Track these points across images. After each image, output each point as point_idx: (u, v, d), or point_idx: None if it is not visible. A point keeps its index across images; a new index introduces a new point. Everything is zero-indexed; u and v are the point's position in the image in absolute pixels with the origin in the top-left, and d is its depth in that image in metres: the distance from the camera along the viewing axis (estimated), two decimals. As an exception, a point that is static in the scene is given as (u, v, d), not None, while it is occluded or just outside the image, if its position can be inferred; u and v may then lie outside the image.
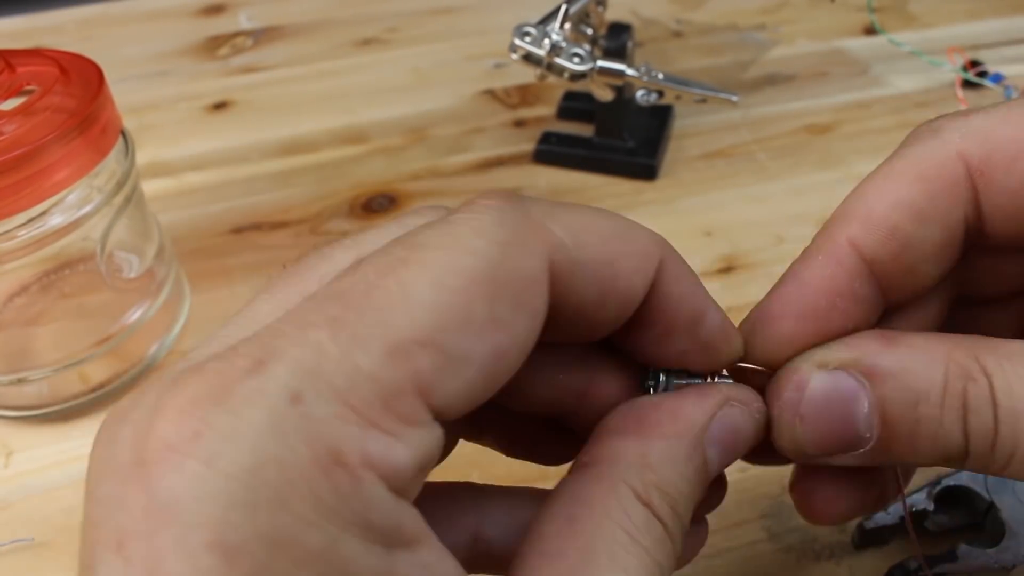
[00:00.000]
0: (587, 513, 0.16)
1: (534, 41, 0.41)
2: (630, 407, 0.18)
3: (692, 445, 0.17)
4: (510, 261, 0.14)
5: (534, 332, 0.15)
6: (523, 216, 0.15)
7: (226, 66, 0.60)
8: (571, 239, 0.15)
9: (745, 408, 0.18)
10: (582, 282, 0.15)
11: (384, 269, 0.14)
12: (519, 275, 0.14)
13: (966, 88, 0.51)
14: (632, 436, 0.17)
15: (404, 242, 0.14)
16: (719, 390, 0.18)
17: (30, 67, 0.32)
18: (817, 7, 0.63)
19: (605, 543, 0.15)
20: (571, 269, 0.15)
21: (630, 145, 0.47)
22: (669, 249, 0.18)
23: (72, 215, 0.31)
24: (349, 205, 0.46)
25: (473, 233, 0.14)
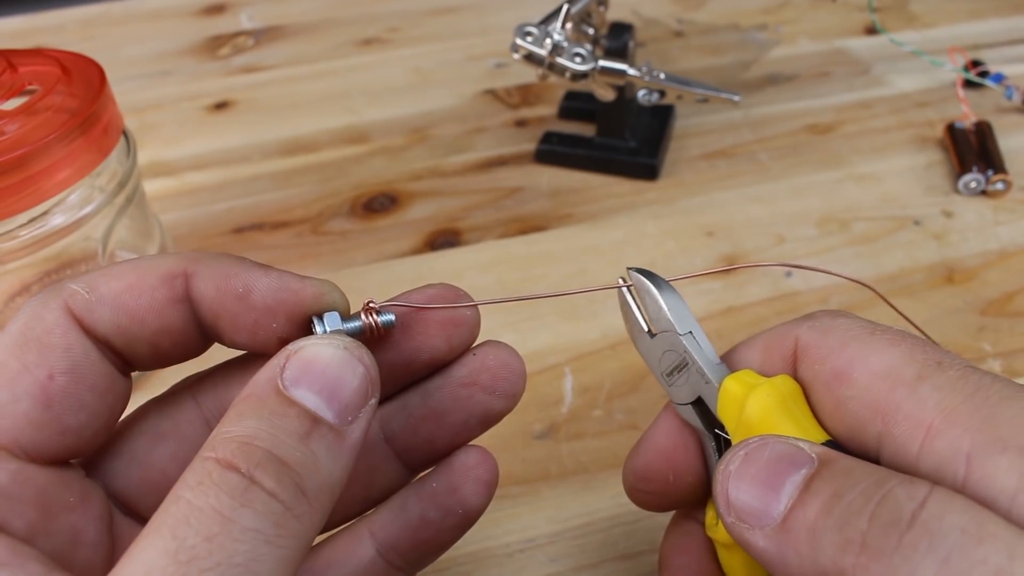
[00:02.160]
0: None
1: (535, 41, 0.41)
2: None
3: (267, 392, 0.17)
4: (31, 320, 0.18)
5: (86, 361, 0.18)
6: (49, 289, 0.19)
7: (227, 66, 0.60)
8: (85, 287, 0.19)
9: (323, 342, 0.18)
10: (110, 312, 0.19)
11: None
12: (40, 326, 0.18)
13: (967, 88, 0.51)
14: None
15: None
16: (300, 341, 0.18)
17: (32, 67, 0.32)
18: (818, 7, 0.63)
19: (157, 514, 0.15)
20: (90, 306, 0.19)
21: (631, 145, 0.47)
22: (196, 259, 0.20)
23: (74, 215, 0.31)
24: (350, 205, 0.46)
25: (15, 316, 0.19)
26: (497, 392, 0.22)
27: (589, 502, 0.30)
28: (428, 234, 0.43)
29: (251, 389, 0.17)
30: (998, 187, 0.43)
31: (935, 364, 0.18)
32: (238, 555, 0.15)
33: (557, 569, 0.28)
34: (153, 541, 0.15)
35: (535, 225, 0.43)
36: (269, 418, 0.17)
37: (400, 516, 0.22)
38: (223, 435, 0.16)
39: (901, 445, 0.17)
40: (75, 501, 0.19)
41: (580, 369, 0.35)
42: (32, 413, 0.18)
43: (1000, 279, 0.39)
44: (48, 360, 0.18)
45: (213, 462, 0.16)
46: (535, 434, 0.32)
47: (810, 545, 0.16)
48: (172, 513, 0.15)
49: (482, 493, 0.22)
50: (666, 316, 0.21)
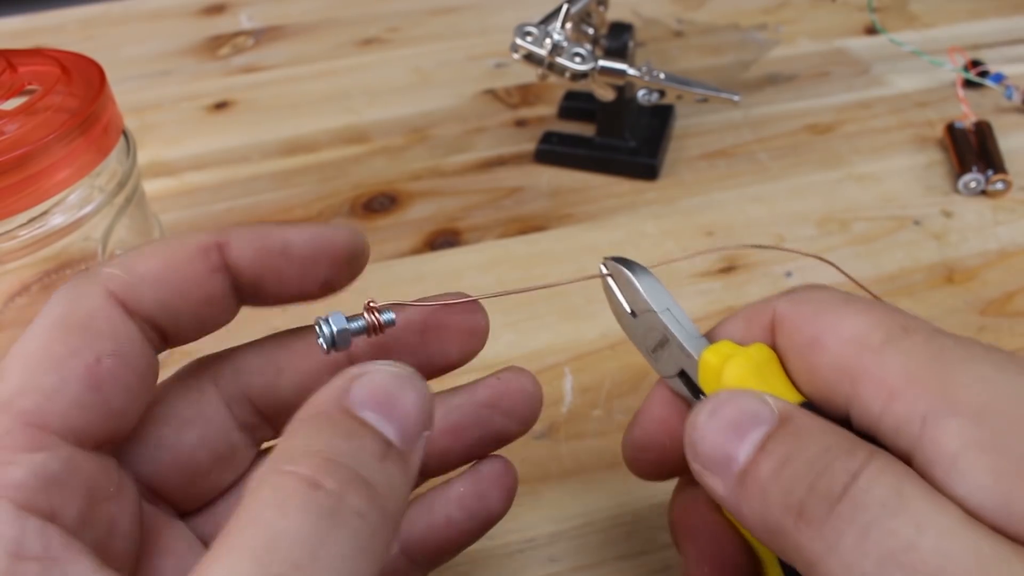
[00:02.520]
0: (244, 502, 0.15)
1: (535, 41, 0.41)
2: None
3: (336, 412, 0.17)
4: (72, 305, 0.18)
5: (129, 342, 0.19)
6: (82, 275, 0.19)
7: (227, 66, 0.60)
8: (123, 269, 0.19)
9: (388, 368, 0.18)
10: (152, 289, 0.19)
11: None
12: (83, 311, 0.18)
13: (967, 88, 0.51)
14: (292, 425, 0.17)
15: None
16: (360, 367, 0.18)
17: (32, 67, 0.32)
18: (818, 7, 0.63)
19: (232, 531, 0.15)
20: (131, 287, 0.19)
21: (631, 145, 0.47)
22: (226, 230, 0.20)
23: (73, 215, 0.31)
24: (350, 205, 0.46)
25: (51, 303, 0.19)
26: (515, 417, 0.23)
27: (589, 502, 0.30)
28: (428, 234, 0.43)
29: (317, 408, 0.17)
30: (998, 187, 0.43)
31: (901, 329, 0.18)
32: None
33: (557, 569, 0.28)
34: (231, 565, 0.14)
35: (535, 225, 0.43)
36: (347, 437, 0.16)
37: (426, 518, 0.23)
38: (302, 449, 0.16)
39: (866, 407, 0.18)
40: (114, 490, 0.19)
41: (580, 369, 0.35)
42: (82, 397, 0.18)
43: (1000, 279, 0.39)
44: (95, 344, 0.18)
45: (295, 478, 0.15)
46: (535, 434, 0.32)
47: (761, 502, 0.17)
48: (253, 535, 0.14)
49: (506, 500, 0.23)
50: (643, 297, 0.23)
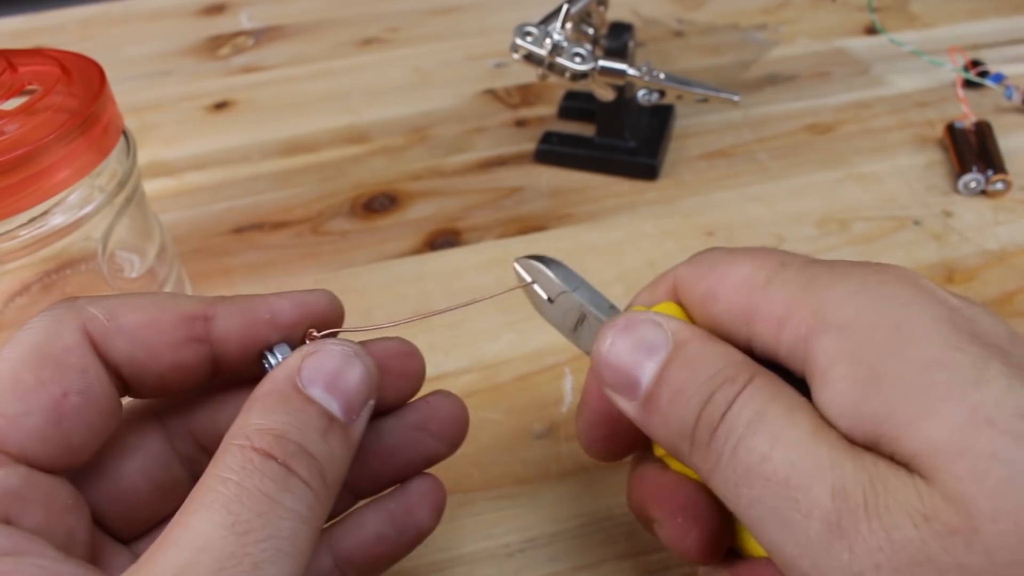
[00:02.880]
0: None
1: (535, 41, 0.41)
2: None
3: (286, 390, 0.19)
4: (48, 337, 0.19)
5: (97, 382, 0.20)
6: (64, 307, 0.20)
7: (227, 66, 0.60)
8: (105, 313, 0.20)
9: (336, 347, 0.20)
10: (127, 343, 0.20)
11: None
12: (58, 344, 0.19)
13: (967, 88, 0.51)
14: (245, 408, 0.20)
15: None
16: (312, 345, 0.21)
17: (32, 67, 0.32)
18: (818, 7, 0.63)
19: (202, 490, 0.17)
20: (109, 334, 0.20)
21: (631, 145, 0.47)
22: (213, 302, 0.21)
23: (73, 215, 0.31)
24: (350, 205, 0.46)
25: (29, 328, 0.20)
26: (444, 439, 0.24)
27: (589, 502, 0.30)
28: (428, 234, 0.43)
29: (272, 385, 0.20)
30: (998, 187, 0.43)
31: (779, 265, 0.20)
32: (285, 530, 0.17)
33: (557, 569, 0.28)
34: (208, 516, 0.17)
35: (535, 225, 0.43)
36: (295, 414, 0.19)
37: (357, 532, 0.24)
38: (255, 426, 0.18)
39: (763, 341, 0.20)
40: (71, 503, 0.20)
41: (580, 369, 0.35)
42: (43, 429, 0.19)
43: (1000, 279, 0.39)
44: (64, 379, 0.19)
45: (251, 450, 0.18)
46: (535, 434, 0.32)
47: (664, 426, 0.20)
48: (223, 492, 0.17)
49: (434, 516, 0.24)
50: (554, 280, 0.24)
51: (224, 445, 0.18)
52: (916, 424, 0.16)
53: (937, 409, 0.16)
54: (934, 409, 0.16)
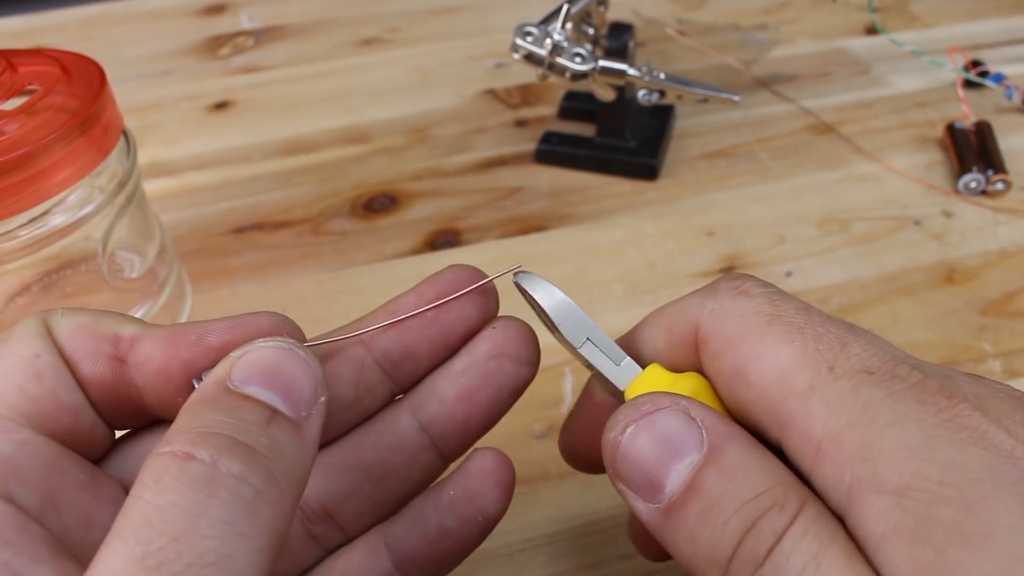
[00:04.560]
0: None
1: (535, 41, 0.41)
2: None
3: (218, 392, 0.17)
4: (14, 326, 0.19)
5: (57, 352, 0.19)
6: (36, 313, 0.19)
7: (227, 66, 0.60)
8: (64, 310, 0.19)
9: (268, 343, 0.18)
10: (63, 334, 0.19)
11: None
12: (19, 328, 0.19)
13: (967, 88, 0.50)
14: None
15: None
16: (241, 348, 0.18)
17: (32, 67, 0.32)
18: (819, 7, 0.63)
19: (119, 516, 0.15)
20: (57, 323, 0.19)
21: (631, 145, 0.47)
22: (151, 327, 0.20)
23: (74, 215, 0.31)
24: (351, 205, 0.46)
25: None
26: (523, 360, 0.22)
27: (589, 502, 0.30)
28: (428, 234, 0.43)
29: (199, 392, 0.17)
30: (998, 187, 0.43)
31: (827, 370, 0.17)
32: (209, 552, 0.14)
33: (557, 569, 0.28)
34: (117, 548, 0.14)
35: (535, 225, 0.43)
36: (226, 410, 0.16)
37: (417, 527, 0.21)
38: (177, 430, 0.16)
39: (796, 457, 0.17)
40: (86, 480, 0.18)
41: (580, 369, 0.35)
42: (25, 385, 0.18)
43: (1000, 279, 0.39)
44: (31, 345, 0.18)
45: (170, 456, 0.15)
46: (535, 434, 0.32)
47: (688, 545, 0.17)
48: (132, 516, 0.14)
49: (501, 498, 0.21)
50: (560, 332, 0.21)
51: (145, 461, 0.16)
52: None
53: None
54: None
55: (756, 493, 0.16)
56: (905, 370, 0.17)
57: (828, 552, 0.16)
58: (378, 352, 0.22)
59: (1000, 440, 0.15)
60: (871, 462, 0.16)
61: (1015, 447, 0.15)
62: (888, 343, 0.18)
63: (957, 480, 0.15)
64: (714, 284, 0.20)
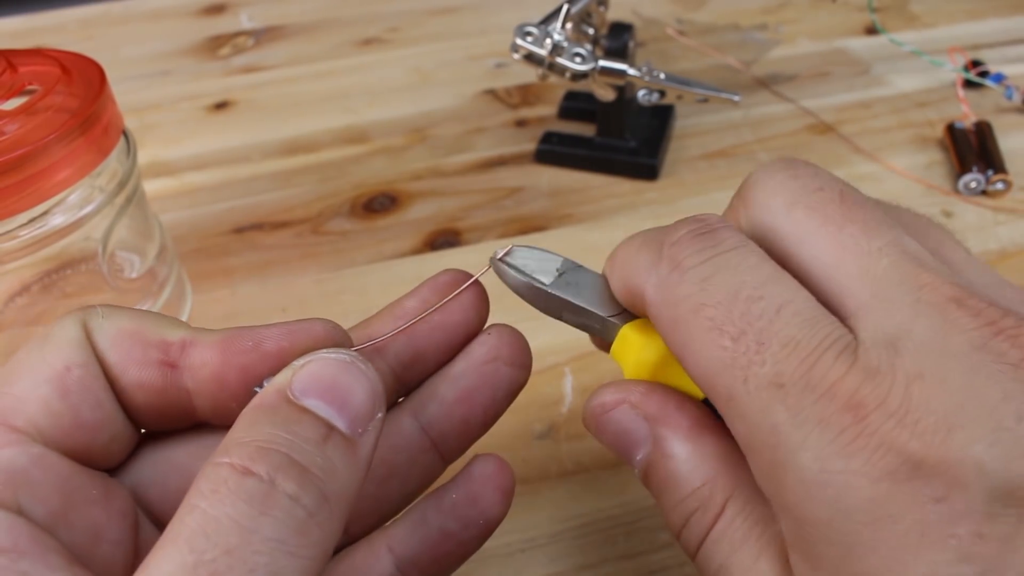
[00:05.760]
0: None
1: (535, 41, 0.41)
2: None
3: (276, 403, 0.17)
4: (50, 328, 0.19)
5: (92, 361, 0.19)
6: (74, 310, 0.20)
7: (227, 66, 0.60)
8: (104, 311, 0.19)
9: (331, 355, 0.18)
10: (106, 339, 0.19)
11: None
12: (57, 332, 0.19)
13: (967, 88, 0.51)
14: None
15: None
16: (304, 357, 0.18)
17: (32, 67, 0.32)
18: (818, 7, 0.63)
19: (172, 522, 0.15)
20: (99, 327, 0.19)
21: (631, 145, 0.47)
22: (203, 331, 0.20)
23: (74, 215, 0.31)
24: (350, 205, 0.46)
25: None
26: (517, 363, 0.23)
27: (589, 502, 0.30)
28: (428, 234, 0.43)
29: (259, 400, 0.17)
30: (998, 187, 0.43)
31: (742, 382, 0.17)
32: (259, 568, 0.14)
33: (557, 569, 0.28)
34: (170, 554, 0.14)
35: (535, 225, 0.43)
36: (284, 424, 0.16)
37: (419, 530, 0.22)
38: (236, 440, 0.16)
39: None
40: (98, 495, 0.18)
41: (580, 369, 0.35)
42: (50, 400, 0.18)
43: (1000, 279, 0.39)
44: (65, 355, 0.18)
45: (228, 468, 0.15)
46: (535, 434, 0.32)
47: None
48: (188, 524, 0.15)
49: (502, 502, 0.22)
50: (541, 283, 0.23)
51: (204, 466, 0.16)
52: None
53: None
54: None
55: (685, 495, 0.19)
56: (819, 374, 0.16)
57: (735, 557, 0.18)
58: (391, 355, 0.22)
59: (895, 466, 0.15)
60: (776, 485, 0.16)
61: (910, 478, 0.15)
62: (809, 317, 0.17)
63: (840, 526, 0.15)
64: (659, 242, 0.20)
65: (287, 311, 0.39)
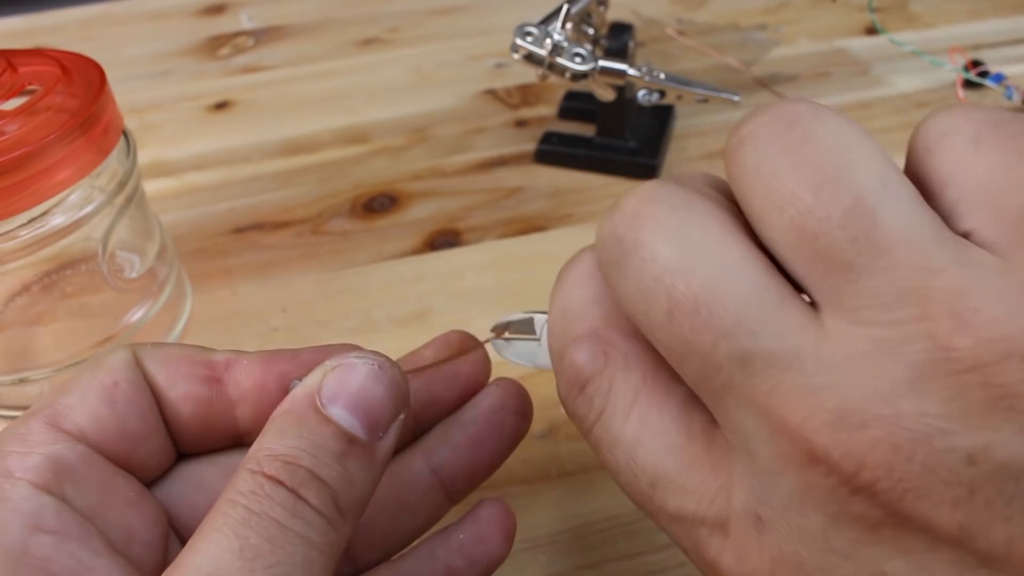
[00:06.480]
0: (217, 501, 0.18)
1: (535, 41, 0.41)
2: None
3: (304, 409, 0.19)
4: (101, 353, 0.20)
5: (140, 379, 0.20)
6: (127, 345, 0.21)
7: (227, 66, 0.60)
8: (153, 343, 0.22)
9: (359, 362, 0.19)
10: (154, 361, 0.21)
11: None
12: (107, 356, 0.21)
13: (967, 88, 0.51)
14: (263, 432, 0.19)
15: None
16: (334, 359, 0.20)
17: (32, 67, 0.32)
18: (818, 7, 0.63)
19: (213, 515, 0.17)
20: (147, 352, 0.21)
21: (631, 145, 0.47)
22: (243, 352, 0.22)
23: (74, 215, 0.31)
24: (351, 205, 0.46)
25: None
26: (521, 413, 0.25)
27: (589, 502, 0.30)
28: (428, 234, 0.43)
29: (290, 404, 0.19)
30: (998, 187, 0.43)
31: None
32: (296, 556, 0.17)
33: (557, 569, 0.28)
34: (217, 539, 0.16)
35: (535, 225, 0.43)
36: (309, 437, 0.18)
37: (427, 564, 0.23)
38: (266, 452, 0.18)
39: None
40: (133, 498, 0.20)
41: (580, 369, 0.35)
42: (97, 408, 0.20)
43: (1000, 279, 0.39)
44: (114, 372, 0.20)
45: (262, 476, 0.17)
46: (535, 434, 0.32)
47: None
48: (232, 515, 0.17)
49: (505, 543, 0.24)
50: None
51: (239, 469, 0.18)
52: None
53: None
54: None
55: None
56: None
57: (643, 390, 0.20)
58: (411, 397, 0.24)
59: None
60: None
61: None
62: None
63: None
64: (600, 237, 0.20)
65: (287, 311, 0.39)
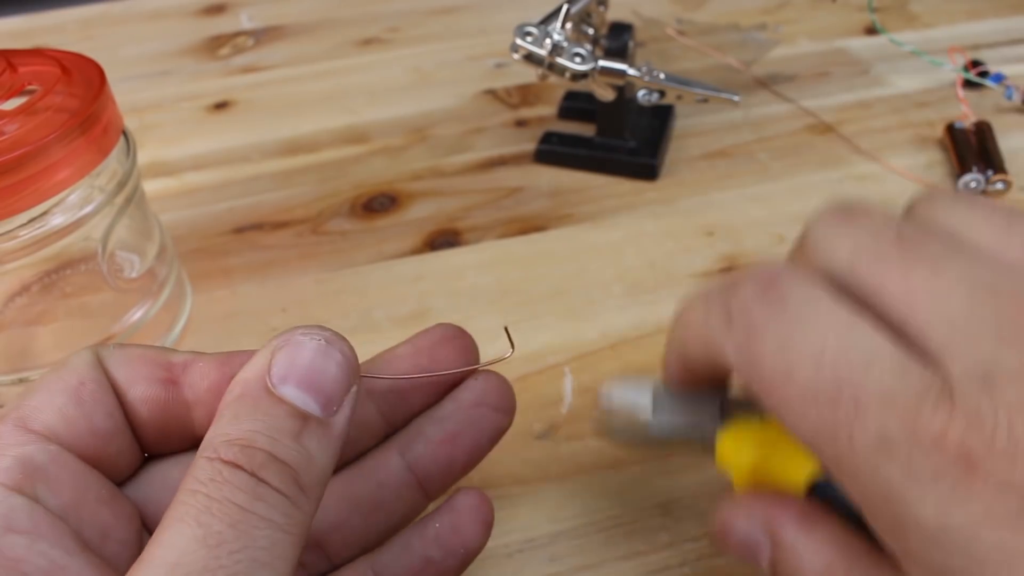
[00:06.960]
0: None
1: (535, 41, 0.41)
2: None
3: (255, 392, 0.18)
4: (67, 357, 0.21)
5: (104, 378, 0.20)
6: (89, 347, 0.21)
7: (227, 66, 0.60)
8: (115, 345, 0.21)
9: (306, 339, 0.19)
10: (115, 363, 0.21)
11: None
12: (72, 358, 0.21)
13: (967, 88, 0.51)
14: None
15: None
16: (280, 338, 0.19)
17: (31, 67, 0.32)
18: (818, 7, 0.64)
19: (174, 505, 0.17)
20: (109, 354, 0.21)
21: (631, 145, 0.47)
22: (202, 353, 0.21)
23: (73, 215, 0.31)
24: (350, 205, 0.46)
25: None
26: (503, 409, 0.24)
27: (589, 502, 0.30)
28: (428, 234, 0.43)
29: (242, 388, 0.19)
30: (998, 187, 0.43)
31: (847, 439, 0.17)
32: (260, 539, 0.16)
33: (557, 569, 0.28)
34: (180, 529, 0.16)
35: (535, 225, 0.43)
36: (264, 419, 0.18)
37: (403, 556, 0.23)
38: (222, 437, 0.18)
39: None
40: (107, 496, 0.20)
41: (580, 369, 0.35)
42: (66, 409, 0.20)
43: (1000, 279, 0.39)
44: (79, 373, 0.20)
45: (220, 462, 0.17)
46: (535, 434, 0.32)
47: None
48: (192, 504, 0.16)
49: (483, 533, 0.23)
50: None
51: (196, 458, 0.18)
52: None
53: None
54: None
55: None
56: (922, 427, 0.16)
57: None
58: (378, 394, 0.23)
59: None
60: (899, 539, 0.17)
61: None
62: (898, 368, 0.17)
63: (972, 572, 0.16)
64: (725, 304, 0.20)
65: (287, 311, 0.39)
